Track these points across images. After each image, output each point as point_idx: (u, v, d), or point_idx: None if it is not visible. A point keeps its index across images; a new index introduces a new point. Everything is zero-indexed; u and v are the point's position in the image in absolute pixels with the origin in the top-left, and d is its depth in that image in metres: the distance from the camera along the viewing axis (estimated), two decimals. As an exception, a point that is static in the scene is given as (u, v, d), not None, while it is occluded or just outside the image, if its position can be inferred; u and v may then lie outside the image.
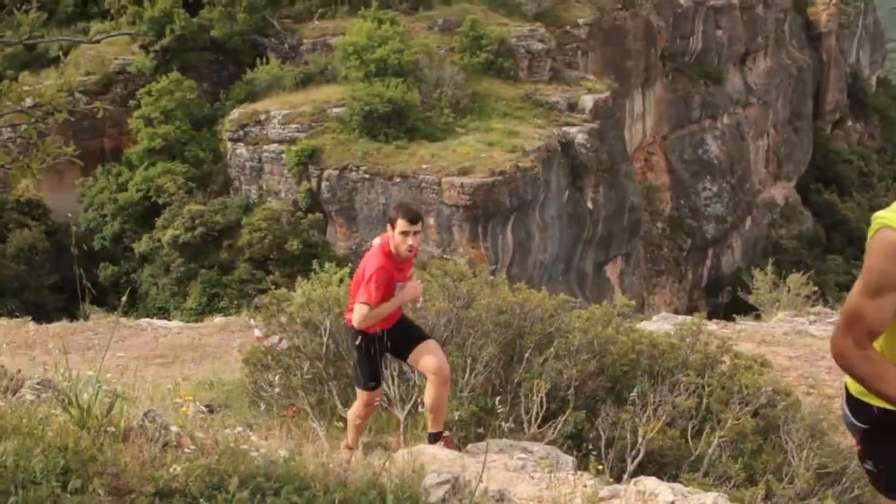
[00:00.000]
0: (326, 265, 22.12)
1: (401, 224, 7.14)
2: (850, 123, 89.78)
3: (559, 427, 8.70)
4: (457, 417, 8.71)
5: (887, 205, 3.80)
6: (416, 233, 7.23)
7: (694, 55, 63.76)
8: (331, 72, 46.59)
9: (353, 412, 7.91)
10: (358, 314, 7.27)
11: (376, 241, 7.56)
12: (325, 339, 10.18)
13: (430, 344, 7.65)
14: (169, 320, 25.44)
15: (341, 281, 14.73)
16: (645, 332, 10.79)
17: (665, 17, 59.77)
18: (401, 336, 7.65)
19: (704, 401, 9.24)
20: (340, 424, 8.30)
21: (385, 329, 7.51)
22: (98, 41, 36.19)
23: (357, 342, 7.50)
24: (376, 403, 8.02)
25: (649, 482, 6.14)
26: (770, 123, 72.95)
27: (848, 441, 10.52)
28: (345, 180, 41.94)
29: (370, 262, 7.30)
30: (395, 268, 7.30)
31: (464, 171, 40.18)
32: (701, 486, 7.40)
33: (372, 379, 7.61)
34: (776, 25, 73.85)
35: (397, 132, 42.22)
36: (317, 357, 10.15)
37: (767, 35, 71.51)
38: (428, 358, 7.48)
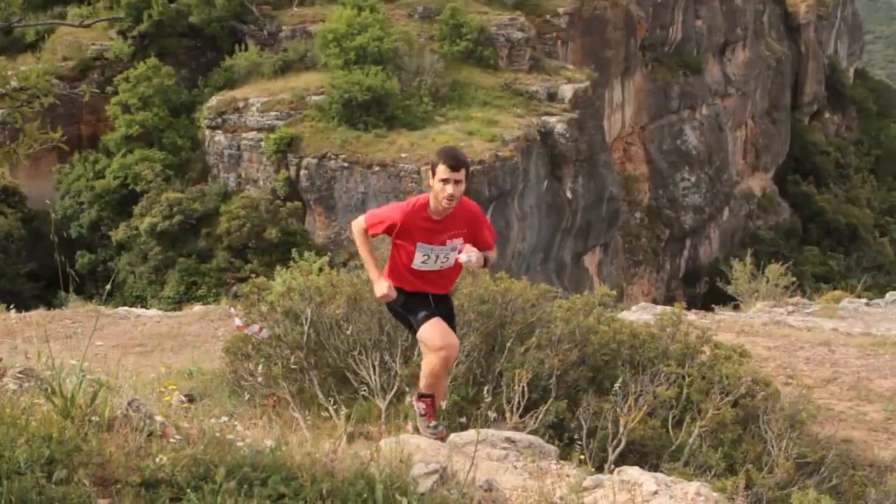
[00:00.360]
0: (306, 254, 22.06)
1: (441, 170, 6.31)
2: (827, 115, 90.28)
3: (541, 417, 8.70)
4: (442, 406, 8.69)
5: (864, 196, 3.74)
6: (457, 181, 6.33)
7: (673, 45, 63.93)
8: (310, 59, 46.42)
9: (429, 370, 6.86)
10: (356, 222, 6.83)
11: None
12: (305, 328, 10.16)
13: (439, 322, 6.82)
14: (147, 309, 25.32)
15: (321, 270, 14.69)
16: (625, 322, 10.81)
17: (645, 6, 59.87)
18: (442, 307, 6.92)
19: (685, 391, 9.27)
20: (325, 414, 8.29)
21: (431, 294, 6.81)
22: (89, 25, 35.82)
23: (398, 299, 6.80)
24: (451, 343, 6.87)
25: (633, 472, 6.17)
26: (748, 114, 73.29)
27: (827, 431, 10.62)
28: (324, 169, 41.82)
29: (402, 201, 6.72)
30: (424, 226, 6.48)
31: (443, 160, 40.07)
32: (682, 476, 7.43)
33: (422, 309, 6.76)
34: (755, 16, 74.14)
35: (377, 120, 42.13)
36: (298, 346, 10.12)
37: (746, 26, 71.79)
38: (433, 332, 6.75)
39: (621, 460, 8.23)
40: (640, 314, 15.73)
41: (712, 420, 8.94)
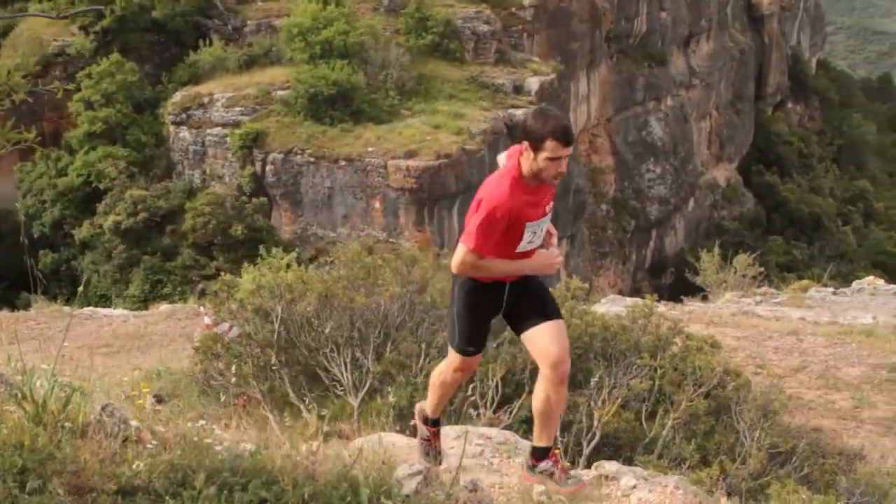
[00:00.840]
0: (273, 250, 21.95)
1: (551, 147, 5.14)
2: (790, 105, 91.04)
3: (515, 412, 8.69)
4: (410, 403, 8.64)
5: (826, 185, 3.69)
6: (567, 157, 5.27)
7: (638, 37, 64.13)
8: (275, 53, 46.16)
9: (438, 372, 5.90)
10: (457, 257, 5.41)
11: (501, 159, 5.66)
12: (276, 325, 10.07)
13: (557, 325, 5.48)
14: (112, 308, 25.07)
15: (288, 266, 14.60)
16: (597, 315, 10.82)
17: (610, -2, 60.01)
18: (525, 298, 5.58)
19: (657, 383, 9.30)
20: (307, 415, 8.21)
21: (509, 283, 5.55)
22: (66, 17, 35.36)
23: (463, 291, 5.55)
24: (473, 370, 6.09)
25: (611, 466, 6.16)
26: (713, 105, 73.70)
27: (797, 420, 10.70)
28: (290, 164, 41.60)
29: (490, 190, 5.32)
30: (527, 201, 5.31)
31: (410, 154, 40.08)
32: (656, 468, 7.45)
33: (471, 343, 5.58)
34: (719, 8, 74.52)
35: (343, 115, 41.96)
36: (268, 344, 10.04)
37: (711, 17, 72.15)
38: (547, 344, 5.39)
39: (596, 454, 8.24)
40: (610, 306, 15.77)
41: (685, 412, 8.98)
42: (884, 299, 18.68)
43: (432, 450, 5.86)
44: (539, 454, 5.58)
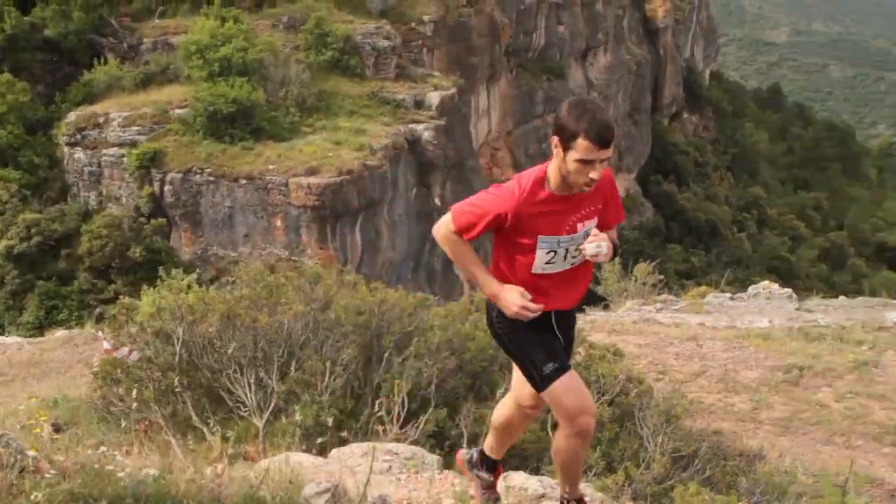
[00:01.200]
0: (173, 271, 21.57)
1: (583, 147, 4.40)
2: (686, 116, 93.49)
3: (421, 427, 8.69)
4: (316, 422, 8.59)
5: (722, 193, 3.73)
6: (602, 161, 4.49)
7: (537, 51, 65.05)
8: (173, 71, 45.45)
9: (502, 414, 5.29)
10: (440, 222, 4.82)
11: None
12: (177, 348, 9.89)
13: (573, 377, 4.79)
14: (4, 336, 24.34)
15: (189, 287, 14.36)
16: (501, 327, 10.89)
17: (509, 13, 60.74)
18: (567, 337, 4.95)
19: (562, 392, 9.39)
20: (211, 438, 8.06)
21: (555, 314, 4.82)
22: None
23: (504, 317, 4.79)
24: (591, 410, 4.89)
25: (518, 477, 6.22)
26: (610, 117, 75.05)
27: (699, 424, 10.95)
28: (189, 183, 40.97)
29: (506, 184, 4.71)
30: (547, 210, 4.56)
31: (311, 171, 39.87)
32: (563, 477, 7.53)
33: (550, 357, 4.71)
34: (615, 21, 76.13)
35: (243, 133, 41.52)
36: (170, 367, 9.84)
37: (607, 31, 73.64)
38: (567, 395, 4.70)
39: (503, 465, 8.29)
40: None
41: (590, 420, 9.10)
42: (778, 303, 19.22)
43: (493, 494, 5.45)
44: (488, 463, 5.46)
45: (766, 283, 20.88)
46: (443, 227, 4.74)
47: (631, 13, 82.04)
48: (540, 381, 4.69)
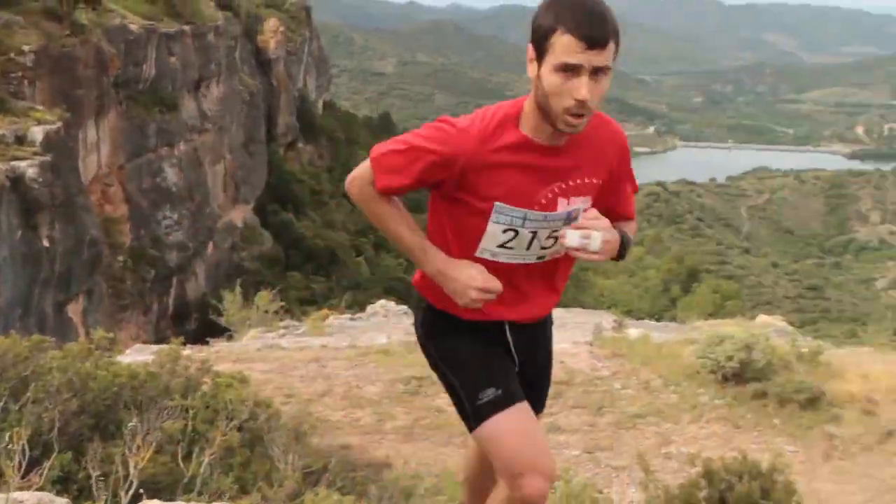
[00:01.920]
0: None
1: (562, 45, 2.79)
2: (301, 145, 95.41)
3: (45, 473, 8.39)
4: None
5: (339, 220, 3.51)
6: (599, 72, 2.80)
7: (148, 82, 63.44)
8: None
9: (465, 466, 3.90)
10: (354, 171, 3.27)
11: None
12: None
13: (522, 414, 3.22)
14: None
15: None
16: (123, 365, 10.74)
17: (117, 43, 58.69)
18: (530, 363, 3.42)
19: (191, 423, 9.45)
20: None
21: (509, 322, 3.27)
22: None
23: (430, 320, 3.36)
24: (545, 470, 3.17)
25: (150, 507, 6.24)
26: (226, 149, 74.89)
27: (327, 440, 11.42)
28: None
29: (455, 120, 3.07)
30: (526, 162, 2.99)
31: None
32: (198, 505, 7.63)
33: (490, 382, 3.17)
34: (228, 52, 76.12)
35: None
36: None
37: (220, 62, 73.42)
38: (508, 439, 3.21)
39: (137, 501, 8.21)
40: (136, 356, 15.57)
41: (220, 447, 9.22)
42: (396, 320, 20.37)
43: None
44: None
45: (382, 301, 22.01)
46: (357, 179, 3.24)
47: (243, 44, 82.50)
48: (472, 415, 3.18)
